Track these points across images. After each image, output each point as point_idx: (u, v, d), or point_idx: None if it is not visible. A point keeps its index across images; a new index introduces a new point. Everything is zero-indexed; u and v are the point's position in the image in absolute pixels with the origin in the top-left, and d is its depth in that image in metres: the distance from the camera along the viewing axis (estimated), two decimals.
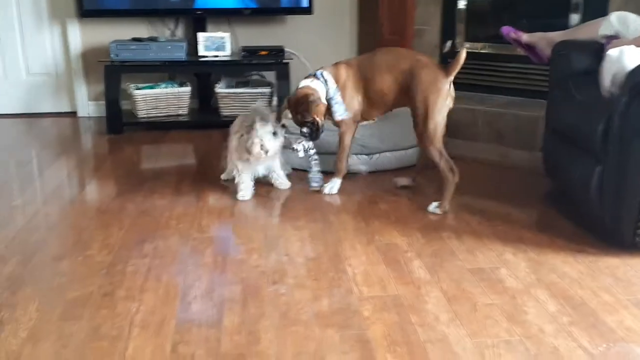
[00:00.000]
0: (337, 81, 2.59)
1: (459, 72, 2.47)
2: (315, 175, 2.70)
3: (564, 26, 3.14)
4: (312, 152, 2.64)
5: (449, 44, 2.89)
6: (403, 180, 2.77)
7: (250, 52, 3.92)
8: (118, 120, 3.77)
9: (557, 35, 2.70)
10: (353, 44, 4.39)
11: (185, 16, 4.10)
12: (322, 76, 2.57)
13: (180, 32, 4.17)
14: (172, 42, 3.91)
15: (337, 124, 2.63)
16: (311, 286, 1.88)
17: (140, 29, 4.09)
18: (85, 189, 2.81)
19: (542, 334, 1.62)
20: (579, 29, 2.74)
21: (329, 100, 2.57)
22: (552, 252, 2.12)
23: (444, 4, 3.76)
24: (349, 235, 2.26)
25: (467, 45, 3.73)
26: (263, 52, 3.91)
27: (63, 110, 4.31)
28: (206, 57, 3.93)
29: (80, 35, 4.12)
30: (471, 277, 1.95)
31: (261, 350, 1.55)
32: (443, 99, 2.45)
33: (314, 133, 2.56)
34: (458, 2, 3.71)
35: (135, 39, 3.90)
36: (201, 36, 3.93)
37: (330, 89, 2.56)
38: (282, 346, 1.57)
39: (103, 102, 3.89)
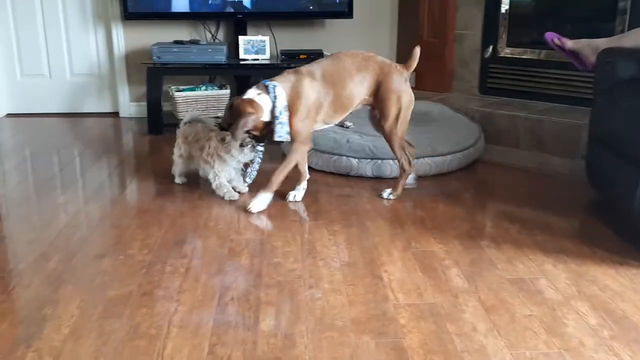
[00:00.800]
0: (294, 96, 2.43)
1: (500, 77, 2.45)
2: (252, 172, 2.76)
3: (610, 32, 3.09)
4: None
5: (490, 49, 2.86)
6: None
7: (290, 55, 3.94)
8: (159, 121, 3.84)
9: (602, 42, 2.64)
10: (392, 47, 4.37)
11: (226, 19, 4.15)
12: (274, 91, 2.40)
13: (221, 35, 4.22)
14: (213, 45, 3.96)
15: (293, 136, 2.48)
16: (347, 292, 1.88)
17: (182, 32, 4.16)
18: (126, 189, 2.87)
19: (582, 348, 1.59)
20: (625, 36, 2.68)
21: (273, 118, 2.43)
22: (593, 264, 2.07)
23: (486, 8, 3.73)
24: (385, 241, 2.25)
25: (508, 50, 3.69)
26: (302, 56, 3.92)
27: (105, 111, 4.41)
28: (246, 60, 3.97)
29: (123, 38, 4.20)
30: (510, 287, 1.92)
31: (297, 354, 1.56)
32: (411, 98, 2.60)
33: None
34: (501, 6, 3.67)
35: (177, 42, 3.96)
36: (242, 39, 3.97)
37: (278, 108, 2.40)
38: (318, 351, 1.57)
39: (144, 103, 3.96)
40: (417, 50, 2.52)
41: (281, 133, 2.42)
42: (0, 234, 2.32)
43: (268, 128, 2.48)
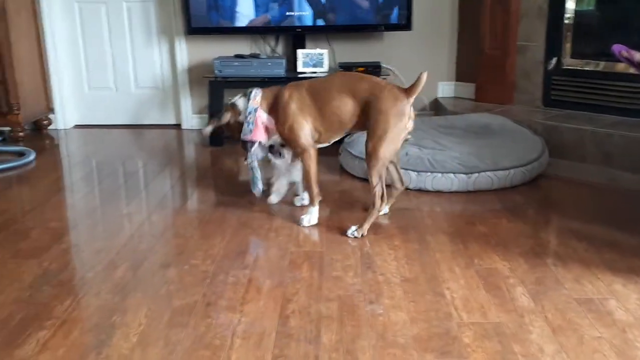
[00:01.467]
0: (273, 103, 2.56)
1: (564, 89, 2.37)
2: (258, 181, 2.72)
3: None
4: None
5: (554, 60, 2.79)
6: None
7: (347, 68, 3.95)
8: (220, 134, 3.91)
9: None
10: (452, 59, 4.33)
11: (285, 33, 4.20)
12: (250, 95, 2.60)
13: (280, 49, 4.28)
14: (273, 59, 4.01)
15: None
16: (408, 308, 1.86)
17: (242, 46, 4.24)
18: (188, 200, 2.93)
19: None
20: None
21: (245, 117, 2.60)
22: None
23: (549, 19, 3.65)
24: (447, 257, 2.22)
25: (572, 62, 3.60)
26: (360, 68, 3.93)
27: (168, 123, 4.53)
28: (304, 73, 4.00)
29: (186, 52, 4.32)
30: (578, 307, 1.86)
31: None
32: (403, 123, 2.39)
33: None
34: (564, 17, 3.59)
35: (237, 56, 4.04)
36: (300, 53, 4.01)
37: (248, 108, 2.57)
38: None
39: (206, 116, 4.05)
40: (424, 76, 2.34)
41: (245, 132, 2.58)
42: (69, 243, 2.40)
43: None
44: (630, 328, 1.74)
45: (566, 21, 3.60)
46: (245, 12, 4.03)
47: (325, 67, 4.02)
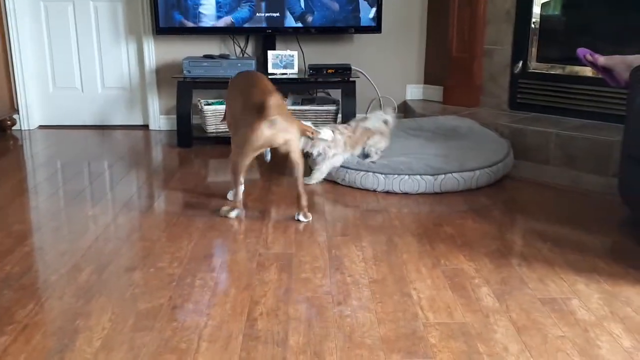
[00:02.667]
0: None
1: (530, 93, 2.41)
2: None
3: None
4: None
5: (520, 64, 2.83)
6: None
7: (317, 70, 3.96)
8: (188, 134, 3.88)
9: (637, 59, 2.60)
10: (420, 62, 4.37)
11: (255, 34, 4.19)
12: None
13: (250, 49, 4.26)
14: (242, 59, 4.00)
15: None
16: (375, 309, 1.87)
17: (212, 47, 4.21)
18: (155, 202, 2.90)
19: None
20: None
21: None
22: (627, 284, 2.04)
23: (516, 23, 3.71)
24: (414, 258, 2.24)
25: (538, 65, 3.66)
26: (330, 70, 3.94)
27: (136, 123, 4.47)
28: (274, 74, 4.00)
29: (154, 52, 4.27)
30: (542, 307, 1.89)
31: None
32: (247, 139, 2.45)
33: None
34: (531, 21, 3.65)
35: (207, 56, 4.01)
36: (270, 54, 4.00)
37: None
38: None
39: (174, 116, 4.01)
40: (270, 101, 2.36)
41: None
42: (32, 246, 2.36)
43: None
44: (592, 327, 1.77)
45: (532, 25, 3.66)
46: (213, 13, 4.01)
47: (295, 69, 4.02)
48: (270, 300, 1.91)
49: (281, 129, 2.45)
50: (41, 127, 4.49)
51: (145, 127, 4.45)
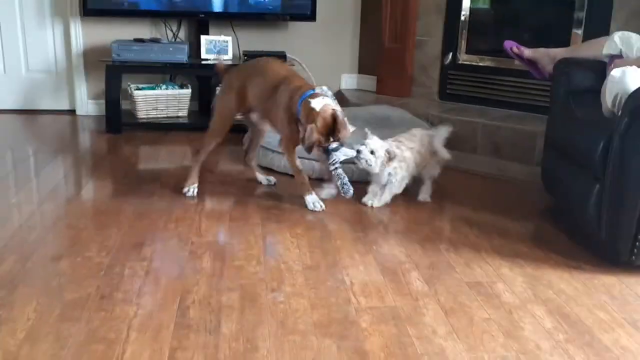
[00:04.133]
0: None
1: (459, 84, 2.48)
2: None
3: (567, 43, 3.18)
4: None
5: (450, 55, 2.90)
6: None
7: (252, 56, 3.92)
8: (117, 120, 3.77)
9: (560, 52, 2.72)
10: (355, 52, 4.40)
11: (188, 19, 4.10)
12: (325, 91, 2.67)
13: (182, 34, 4.17)
14: (174, 44, 3.91)
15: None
16: (309, 295, 1.88)
17: (143, 30, 4.09)
18: (82, 189, 2.81)
19: (538, 351, 1.63)
20: (582, 47, 2.77)
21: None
22: (548, 268, 2.13)
23: (446, 15, 3.79)
24: (347, 244, 2.27)
25: (467, 57, 3.76)
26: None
27: (62, 108, 4.30)
28: (208, 60, 3.93)
29: (82, 34, 4.11)
30: (468, 290, 1.95)
31: (259, 358, 1.56)
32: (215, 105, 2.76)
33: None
34: (461, 14, 3.74)
35: (137, 40, 3.90)
36: (203, 39, 3.94)
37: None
38: (280, 355, 1.57)
39: (103, 101, 3.88)
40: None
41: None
42: None
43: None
44: (516, 309, 1.85)
45: (462, 18, 3.75)
46: None
47: (230, 55, 3.97)
48: (202, 289, 1.90)
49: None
50: None
51: (72, 112, 4.28)
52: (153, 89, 3.92)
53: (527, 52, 2.84)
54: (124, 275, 1.96)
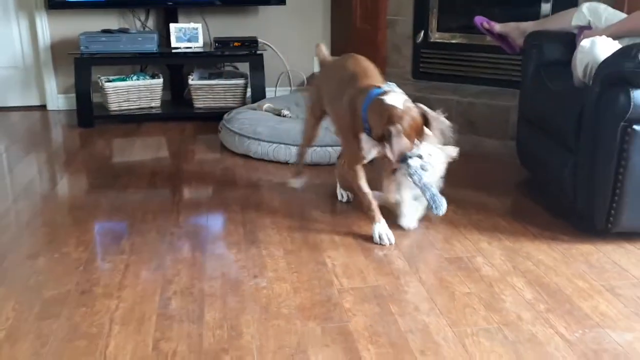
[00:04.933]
0: None
1: (432, 62, 2.44)
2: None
3: (536, 16, 3.19)
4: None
5: (421, 34, 2.90)
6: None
7: (223, 43, 3.88)
8: (89, 114, 3.71)
9: (529, 26, 2.73)
10: (326, 34, 4.38)
11: (156, 7, 4.04)
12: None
13: (151, 23, 4.11)
14: (143, 33, 3.85)
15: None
16: (291, 279, 1.88)
17: (110, 21, 4.02)
18: (57, 185, 2.76)
19: (519, 322, 1.66)
20: (551, 19, 2.78)
21: None
22: (526, 240, 2.16)
23: None
24: (327, 227, 2.27)
25: (439, 35, 3.76)
26: (236, 44, 3.87)
27: (32, 104, 4.22)
28: (178, 48, 3.88)
29: (48, 27, 4.03)
30: (449, 266, 1.97)
31: (243, 344, 1.55)
32: None
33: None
34: None
35: (105, 31, 3.83)
36: (173, 27, 3.88)
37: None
38: (264, 340, 1.57)
39: (73, 95, 3.81)
40: None
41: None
42: None
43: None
44: (496, 282, 1.87)
45: None
46: None
47: (200, 42, 3.92)
48: (184, 279, 1.88)
49: None
50: None
51: (43, 107, 4.20)
52: (124, 80, 3.86)
53: (497, 27, 2.85)
54: (103, 270, 1.94)
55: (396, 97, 1.98)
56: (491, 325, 1.64)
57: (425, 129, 2.01)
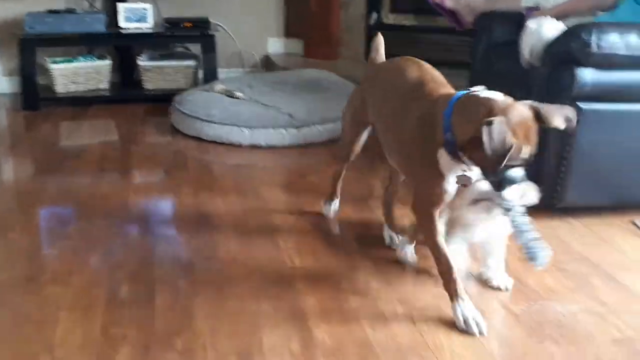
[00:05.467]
0: None
1: (387, 45, 2.39)
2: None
3: None
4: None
5: (374, 15, 2.91)
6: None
7: (174, 23, 3.80)
8: (34, 96, 3.59)
9: (480, 4, 2.78)
10: (280, 15, 4.33)
11: None
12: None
13: (98, 3, 3.99)
14: (91, 13, 3.74)
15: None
16: (244, 260, 1.88)
17: (57, 1, 3.88)
18: (1, 169, 2.68)
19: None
20: None
21: None
22: None
23: None
24: (281, 208, 2.27)
25: (392, 17, 3.78)
26: (187, 24, 3.80)
27: None
28: (127, 29, 3.78)
29: None
30: None
31: (196, 326, 1.54)
32: None
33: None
34: None
35: (51, 11, 3.70)
36: (121, 7, 3.77)
37: None
38: (218, 322, 1.56)
39: (18, 77, 3.69)
40: None
41: None
42: None
43: None
44: None
45: None
46: None
47: (150, 23, 3.83)
48: (133, 263, 1.85)
49: None
50: None
51: None
52: (70, 61, 3.74)
53: (448, 2, 2.89)
54: (50, 256, 1.90)
55: (494, 93, 1.47)
56: (441, 300, 1.65)
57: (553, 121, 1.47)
